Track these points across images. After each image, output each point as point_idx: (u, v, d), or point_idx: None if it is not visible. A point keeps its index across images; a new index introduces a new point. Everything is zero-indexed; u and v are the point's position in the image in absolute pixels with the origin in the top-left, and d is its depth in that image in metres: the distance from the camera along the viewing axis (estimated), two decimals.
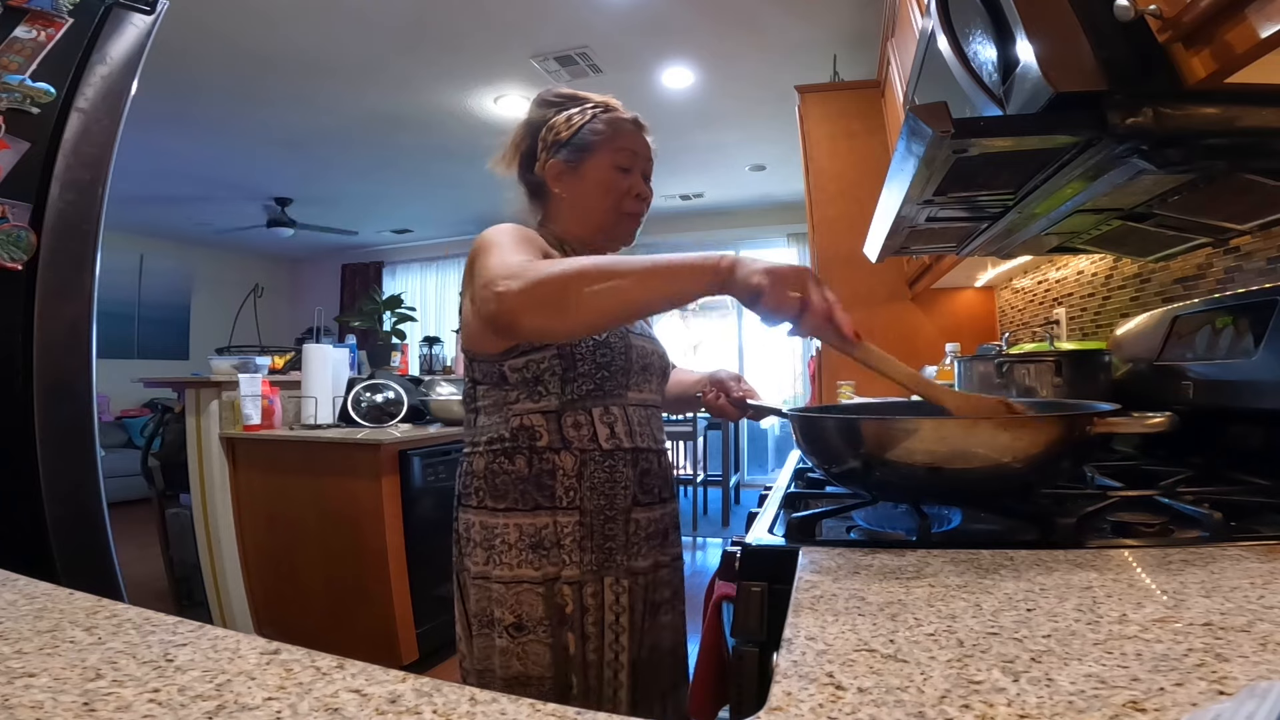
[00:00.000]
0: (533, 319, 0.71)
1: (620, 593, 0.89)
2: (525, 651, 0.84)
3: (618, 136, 0.97)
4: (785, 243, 6.01)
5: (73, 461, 1.38)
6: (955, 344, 2.14)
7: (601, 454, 0.89)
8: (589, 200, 0.97)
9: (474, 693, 0.34)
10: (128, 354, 6.11)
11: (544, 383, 0.88)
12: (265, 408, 2.54)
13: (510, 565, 0.86)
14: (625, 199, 0.97)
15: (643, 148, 1.00)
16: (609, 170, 0.96)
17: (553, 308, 0.71)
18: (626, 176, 0.97)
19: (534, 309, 0.71)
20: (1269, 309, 0.83)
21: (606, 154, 0.96)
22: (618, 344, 0.91)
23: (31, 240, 1.30)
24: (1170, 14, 0.57)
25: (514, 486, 0.87)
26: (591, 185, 0.96)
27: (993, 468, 0.63)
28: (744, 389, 1.07)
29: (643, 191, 0.99)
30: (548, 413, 0.89)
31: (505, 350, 0.88)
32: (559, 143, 0.97)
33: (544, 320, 0.72)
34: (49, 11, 1.35)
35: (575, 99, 1.01)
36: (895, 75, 2.20)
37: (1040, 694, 0.32)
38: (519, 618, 0.85)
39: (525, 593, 0.85)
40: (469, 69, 3.31)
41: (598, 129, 0.97)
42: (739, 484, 5.54)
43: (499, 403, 0.91)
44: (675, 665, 0.99)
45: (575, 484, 0.87)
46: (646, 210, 1.02)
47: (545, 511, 0.86)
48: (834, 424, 0.71)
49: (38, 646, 0.41)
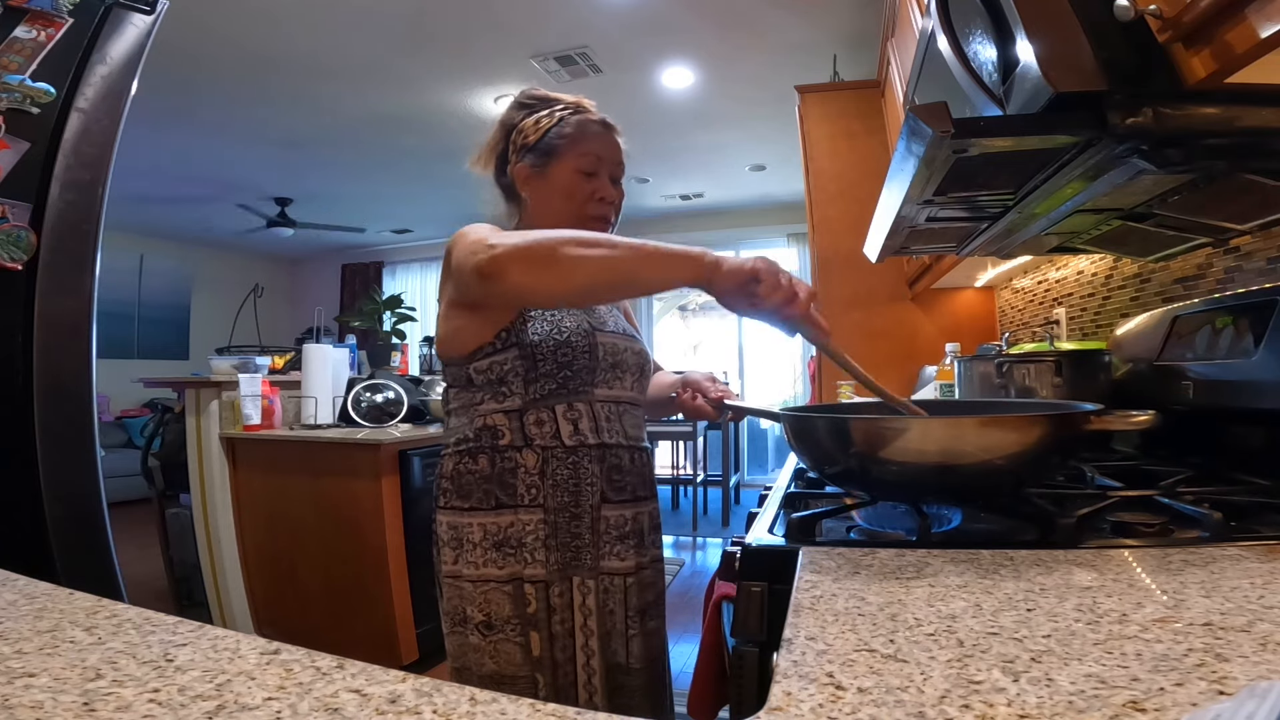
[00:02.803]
0: (521, 273, 0.73)
1: (587, 594, 0.88)
2: (497, 650, 0.84)
3: (582, 140, 0.97)
4: (785, 243, 6.01)
5: (73, 461, 1.38)
6: (955, 344, 2.13)
7: (564, 450, 0.89)
8: (553, 204, 0.97)
9: (474, 693, 0.34)
10: (128, 354, 6.11)
11: (507, 383, 0.89)
12: (265, 408, 2.54)
13: (476, 564, 0.86)
14: (588, 203, 0.97)
15: (609, 150, 0.98)
16: (572, 174, 0.96)
17: (542, 265, 0.73)
18: (590, 180, 0.97)
19: (523, 262, 0.73)
20: (1269, 309, 0.83)
21: (570, 158, 0.96)
22: (580, 343, 0.91)
23: (31, 240, 1.30)
24: (1170, 14, 0.57)
25: (478, 486, 0.88)
26: (556, 189, 0.96)
27: (981, 465, 0.63)
28: (719, 390, 1.06)
29: (607, 194, 0.98)
30: (510, 412, 0.89)
31: (471, 352, 0.89)
32: (526, 146, 0.98)
33: (532, 277, 0.73)
34: (49, 11, 1.35)
35: (547, 101, 1.02)
36: (895, 75, 2.20)
37: (1040, 694, 0.32)
38: (488, 616, 0.85)
39: (492, 591, 0.85)
40: (469, 69, 3.31)
41: (564, 132, 0.97)
42: (739, 484, 5.54)
43: (466, 404, 0.92)
44: (663, 674, 0.98)
45: (538, 481, 0.87)
46: (615, 214, 1.01)
47: (508, 510, 0.86)
48: (823, 424, 0.72)
49: (38, 646, 0.41)
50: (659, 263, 0.72)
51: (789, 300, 0.71)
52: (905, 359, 2.75)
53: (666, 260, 0.72)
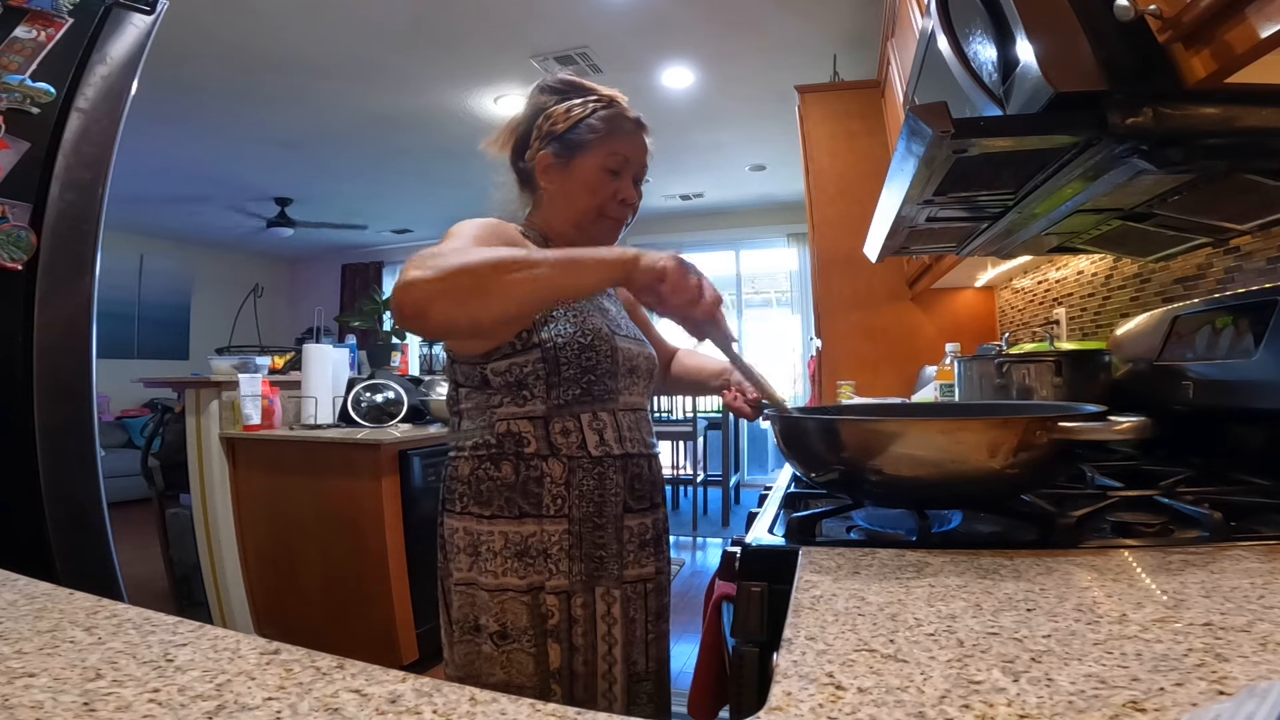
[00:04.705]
0: (445, 310, 0.69)
1: (611, 603, 0.87)
2: (510, 660, 0.83)
3: (613, 138, 0.93)
4: (785, 243, 6.01)
5: (73, 461, 1.38)
6: (955, 344, 2.13)
7: (591, 461, 0.87)
8: (573, 199, 0.94)
9: (474, 693, 0.34)
10: (128, 354, 6.11)
11: (528, 386, 0.86)
12: (265, 408, 2.54)
13: (495, 573, 0.84)
14: (610, 203, 0.94)
15: (637, 152, 0.95)
16: (597, 172, 0.92)
17: (466, 296, 0.69)
18: (614, 180, 0.94)
19: (445, 299, 0.69)
20: (1269, 309, 0.83)
21: (598, 155, 0.92)
22: (603, 346, 0.88)
23: (31, 240, 1.30)
24: (1170, 14, 0.57)
25: (500, 493, 0.85)
26: (578, 184, 0.93)
27: (973, 470, 0.62)
28: None
29: (629, 196, 0.96)
30: (534, 418, 0.86)
31: (487, 352, 0.86)
32: (553, 134, 0.93)
33: (458, 311, 0.70)
34: (49, 11, 1.35)
35: (580, 89, 0.97)
36: (895, 75, 2.20)
37: (1040, 694, 0.32)
38: (503, 626, 0.83)
39: (510, 601, 0.83)
40: (469, 69, 3.31)
41: (595, 126, 0.92)
42: (739, 484, 5.53)
43: (481, 406, 0.88)
44: (667, 675, 0.98)
45: (564, 492, 0.85)
46: (632, 215, 0.98)
47: (532, 520, 0.84)
48: (829, 426, 0.71)
49: (38, 646, 0.41)
50: (582, 270, 0.73)
51: (692, 302, 0.72)
52: (905, 359, 2.75)
53: (590, 267, 0.73)
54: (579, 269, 0.72)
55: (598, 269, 0.73)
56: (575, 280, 0.73)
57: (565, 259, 0.73)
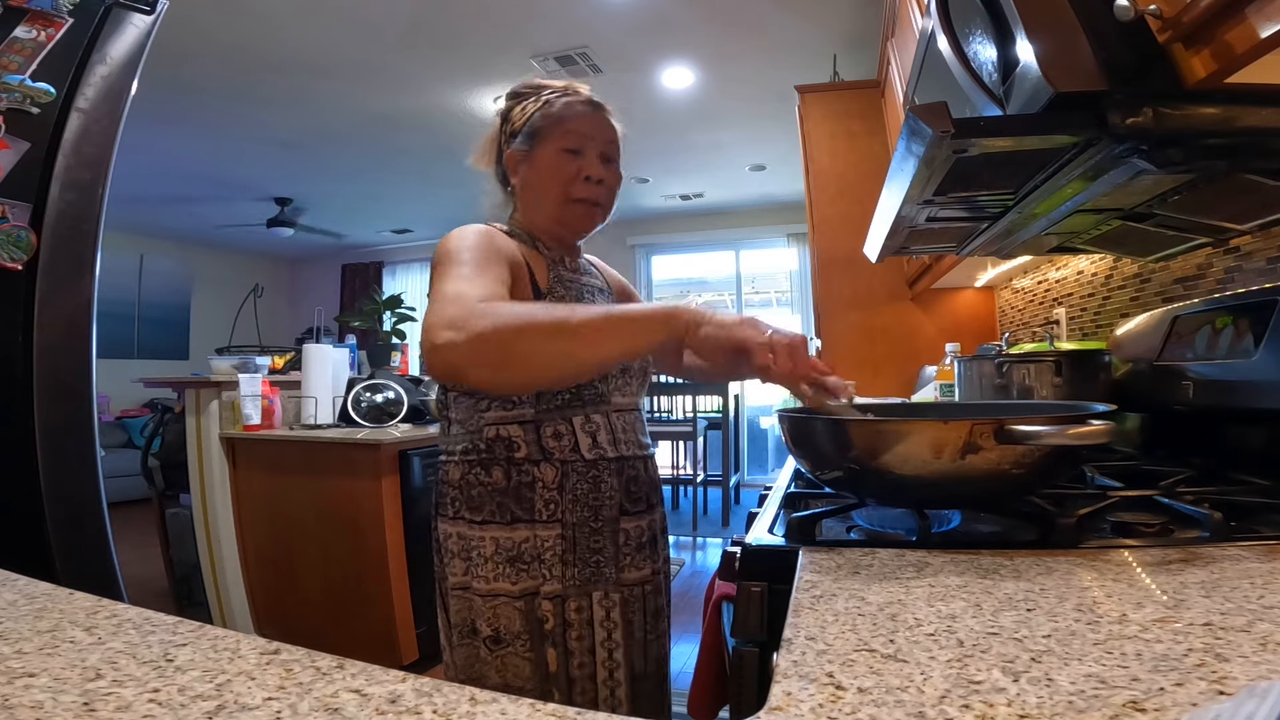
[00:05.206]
0: (478, 373, 0.67)
1: (611, 607, 0.87)
2: (504, 664, 0.83)
3: (566, 120, 0.93)
4: (785, 243, 6.01)
5: (73, 461, 1.38)
6: (955, 344, 2.13)
7: (584, 464, 0.87)
8: (542, 187, 0.94)
9: (474, 693, 0.34)
10: (128, 354, 6.11)
11: None
12: (265, 408, 2.54)
13: (487, 578, 0.84)
14: (574, 183, 0.93)
15: (597, 129, 0.94)
16: (557, 154, 0.92)
17: (499, 365, 0.66)
18: (575, 159, 0.93)
19: (480, 367, 0.67)
20: (1269, 309, 0.83)
21: (555, 137, 0.93)
22: None
23: (31, 240, 1.30)
24: (1170, 14, 0.57)
25: (490, 499, 0.85)
26: (542, 171, 0.93)
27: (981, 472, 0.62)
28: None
29: (594, 172, 0.93)
30: (524, 422, 0.86)
31: None
32: (515, 131, 0.96)
33: (490, 375, 0.68)
34: (49, 11, 1.35)
35: (538, 88, 0.99)
36: (895, 75, 2.20)
37: (1040, 694, 0.32)
38: (496, 630, 0.83)
39: (502, 606, 0.83)
40: (469, 69, 3.31)
41: (548, 113, 0.94)
42: (739, 484, 5.53)
43: (470, 410, 0.88)
44: (666, 674, 0.97)
45: (556, 496, 0.85)
46: (605, 195, 0.96)
47: (524, 525, 0.84)
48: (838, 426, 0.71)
49: (38, 646, 0.41)
50: (626, 334, 0.68)
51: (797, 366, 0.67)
52: (905, 359, 2.75)
53: (634, 329, 0.68)
54: (623, 333, 0.68)
55: (644, 331, 0.68)
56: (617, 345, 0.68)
57: (609, 319, 0.68)
